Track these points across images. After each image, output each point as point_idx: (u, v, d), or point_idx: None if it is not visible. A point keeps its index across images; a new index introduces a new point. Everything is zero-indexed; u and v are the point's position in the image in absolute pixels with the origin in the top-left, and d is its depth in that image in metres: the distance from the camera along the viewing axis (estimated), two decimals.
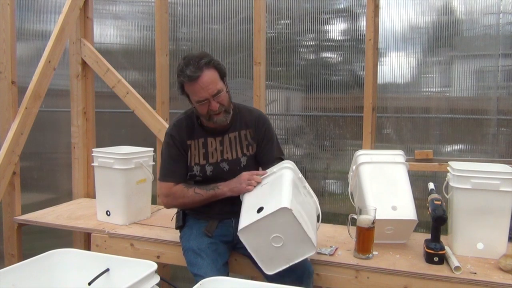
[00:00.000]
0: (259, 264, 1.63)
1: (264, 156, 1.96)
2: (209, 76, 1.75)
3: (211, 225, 1.92)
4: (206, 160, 1.92)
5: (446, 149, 2.59)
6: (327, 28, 2.83)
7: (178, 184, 1.89)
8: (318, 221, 1.79)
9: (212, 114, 1.80)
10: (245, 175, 1.81)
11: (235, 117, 1.94)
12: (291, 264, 1.61)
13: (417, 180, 2.51)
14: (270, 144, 1.98)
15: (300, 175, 1.82)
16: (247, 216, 1.62)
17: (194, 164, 1.92)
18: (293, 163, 1.83)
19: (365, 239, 1.87)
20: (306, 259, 1.79)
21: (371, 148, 2.46)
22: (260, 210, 1.59)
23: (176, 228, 2.06)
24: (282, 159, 1.94)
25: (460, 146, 2.58)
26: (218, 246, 1.87)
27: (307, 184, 1.84)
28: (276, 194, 1.62)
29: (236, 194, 1.80)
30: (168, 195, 1.90)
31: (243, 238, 1.61)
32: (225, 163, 1.92)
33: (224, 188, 1.82)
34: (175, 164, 1.92)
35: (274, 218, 1.53)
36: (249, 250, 1.62)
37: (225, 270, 1.80)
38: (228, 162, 1.93)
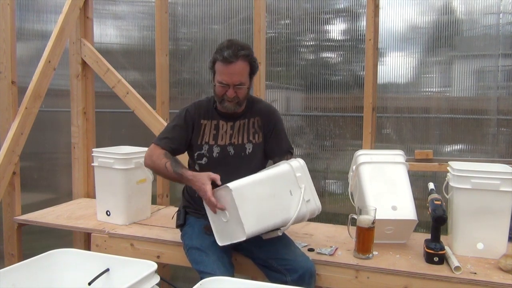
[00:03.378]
0: (214, 234, 1.75)
1: (272, 148, 2.00)
2: (240, 66, 1.82)
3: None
4: (215, 141, 1.96)
5: (446, 149, 2.59)
6: (327, 28, 2.83)
7: (161, 149, 1.93)
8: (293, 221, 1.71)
9: (226, 98, 1.87)
10: (205, 178, 1.74)
11: (247, 106, 2.01)
12: (232, 242, 1.69)
13: (417, 180, 2.51)
14: (279, 137, 2.02)
15: (300, 174, 1.76)
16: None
17: (204, 143, 1.97)
18: (302, 161, 1.81)
19: (365, 239, 1.87)
20: (308, 259, 1.81)
21: (371, 148, 2.46)
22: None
23: (177, 227, 2.07)
24: (291, 153, 2.01)
25: (460, 146, 2.58)
26: None
27: (305, 186, 1.76)
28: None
29: (195, 187, 1.78)
30: (149, 155, 1.95)
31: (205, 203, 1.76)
32: (231, 147, 1.96)
33: (189, 177, 1.79)
34: (172, 133, 1.97)
35: (223, 194, 1.68)
36: (208, 216, 1.76)
37: (232, 267, 1.78)
38: (234, 146, 1.96)
